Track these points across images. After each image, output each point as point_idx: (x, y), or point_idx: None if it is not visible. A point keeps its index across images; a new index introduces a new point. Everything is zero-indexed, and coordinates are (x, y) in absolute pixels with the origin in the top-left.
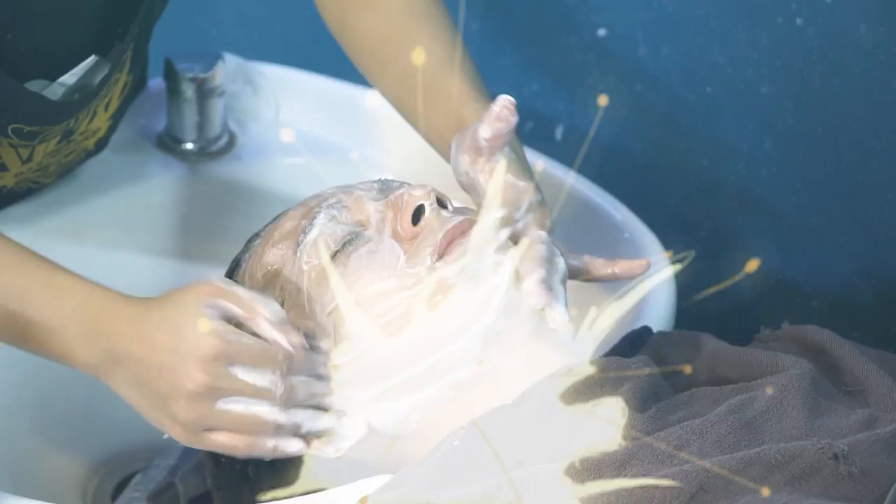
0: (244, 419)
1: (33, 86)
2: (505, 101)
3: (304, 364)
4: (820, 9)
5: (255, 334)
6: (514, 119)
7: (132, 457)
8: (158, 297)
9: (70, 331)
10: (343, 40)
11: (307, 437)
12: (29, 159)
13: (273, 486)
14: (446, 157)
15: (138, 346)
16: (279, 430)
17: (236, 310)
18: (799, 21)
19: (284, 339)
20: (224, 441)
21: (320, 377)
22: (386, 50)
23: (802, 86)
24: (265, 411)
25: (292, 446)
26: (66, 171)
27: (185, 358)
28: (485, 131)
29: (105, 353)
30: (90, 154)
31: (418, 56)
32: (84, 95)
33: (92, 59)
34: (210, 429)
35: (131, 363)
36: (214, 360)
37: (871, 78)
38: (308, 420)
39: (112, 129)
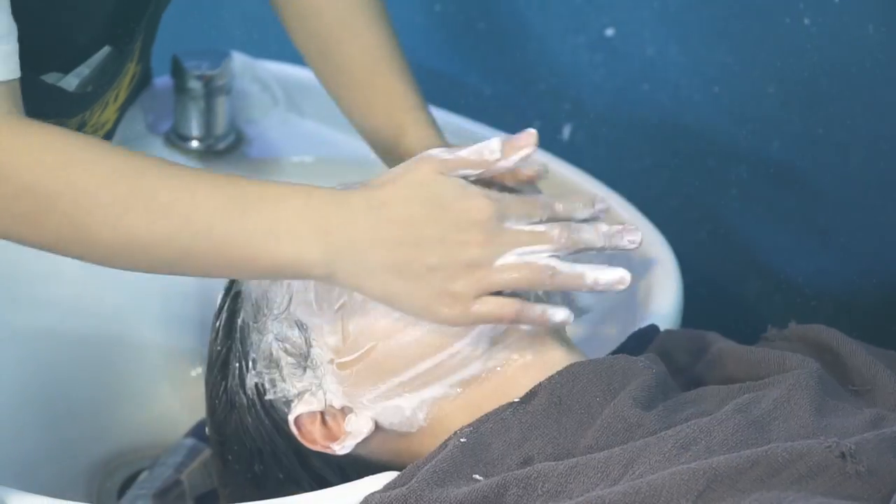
0: (520, 269)
1: (48, 79)
2: (531, 139)
3: (572, 210)
4: (828, 9)
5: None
6: (532, 149)
7: (138, 454)
8: (380, 182)
9: (300, 232)
10: (287, 23)
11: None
12: None
13: (279, 484)
14: (377, 149)
15: (390, 228)
16: (555, 277)
17: (473, 171)
18: (806, 21)
19: (525, 151)
20: (493, 307)
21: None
22: (326, 36)
23: (809, 86)
24: (541, 257)
25: (559, 314)
26: None
27: (457, 226)
28: (506, 162)
29: (343, 246)
30: None
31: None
32: (98, 86)
33: (106, 49)
34: (483, 293)
35: (385, 247)
36: (488, 221)
37: (879, 79)
38: (591, 271)
39: (118, 121)
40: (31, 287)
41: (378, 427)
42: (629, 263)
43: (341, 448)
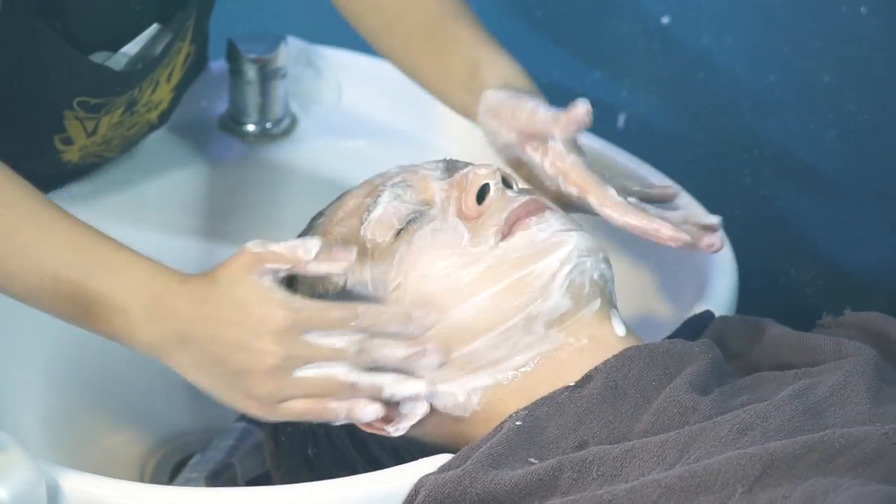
0: (320, 382)
1: (97, 58)
2: (586, 109)
3: (379, 322)
4: None
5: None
6: (588, 124)
7: (191, 437)
8: (206, 274)
9: (132, 311)
10: (346, 7)
11: (390, 404)
12: (94, 132)
13: (333, 466)
14: (459, 104)
15: (205, 326)
16: (355, 391)
17: (283, 266)
18: (863, 10)
19: (337, 266)
20: (299, 408)
21: (399, 335)
22: (390, 6)
23: (866, 75)
24: (340, 372)
25: (368, 411)
26: (129, 145)
27: (257, 333)
28: (561, 132)
29: (169, 334)
30: (153, 127)
31: None
32: (147, 64)
33: (154, 27)
34: (285, 399)
35: (199, 343)
36: (287, 331)
37: None
38: (390, 384)
39: (174, 102)
40: None
41: (433, 410)
42: (685, 252)
43: (396, 430)
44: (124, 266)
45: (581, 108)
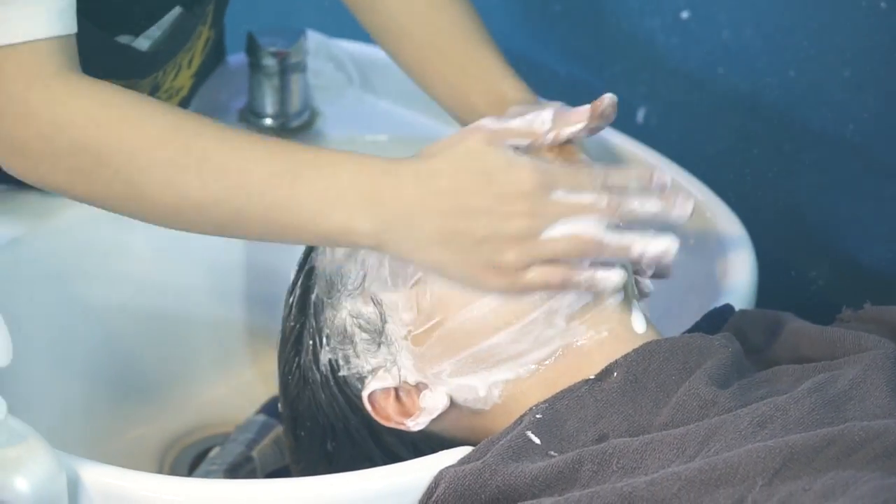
0: (568, 241)
1: (120, 41)
2: (611, 102)
3: (625, 181)
4: None
5: None
6: (613, 118)
7: (210, 430)
8: (430, 153)
9: (349, 201)
10: (360, 13)
11: (640, 262)
12: None
13: (351, 461)
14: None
15: (438, 200)
16: (603, 249)
17: (522, 142)
18: (883, 5)
19: (576, 127)
20: (542, 277)
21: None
22: (406, 14)
23: (885, 70)
24: (590, 226)
25: (612, 277)
26: None
27: (503, 198)
28: (584, 123)
29: (392, 216)
30: None
31: None
32: (170, 47)
33: (177, 10)
34: (530, 265)
35: (432, 219)
36: (534, 192)
37: None
38: (639, 240)
39: (194, 88)
40: (103, 262)
41: (453, 403)
42: (705, 246)
43: (415, 424)
44: (331, 161)
45: (606, 101)
